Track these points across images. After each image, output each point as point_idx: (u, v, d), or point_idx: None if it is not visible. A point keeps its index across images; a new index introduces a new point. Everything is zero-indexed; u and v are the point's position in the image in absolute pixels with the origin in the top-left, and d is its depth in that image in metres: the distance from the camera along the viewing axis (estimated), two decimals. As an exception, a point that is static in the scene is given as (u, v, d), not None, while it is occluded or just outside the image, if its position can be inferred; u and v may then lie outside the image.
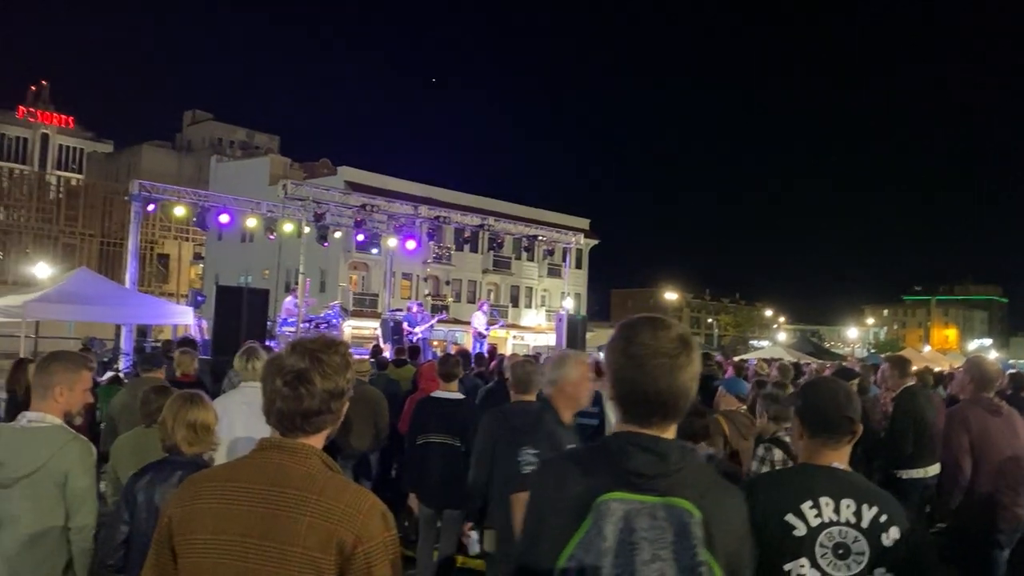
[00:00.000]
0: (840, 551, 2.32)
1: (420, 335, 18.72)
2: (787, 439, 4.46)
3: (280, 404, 1.99)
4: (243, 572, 1.87)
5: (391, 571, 1.93)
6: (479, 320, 20.79)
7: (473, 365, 11.04)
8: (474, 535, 5.44)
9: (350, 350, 2.15)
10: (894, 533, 2.33)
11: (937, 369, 17.24)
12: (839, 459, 2.51)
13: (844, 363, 19.98)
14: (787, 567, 2.32)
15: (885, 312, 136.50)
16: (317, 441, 2.03)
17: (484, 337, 20.43)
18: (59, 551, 3.45)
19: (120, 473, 4.31)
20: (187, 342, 10.72)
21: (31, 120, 67.56)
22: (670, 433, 1.86)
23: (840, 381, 2.74)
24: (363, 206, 22.02)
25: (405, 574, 6.60)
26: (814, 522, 2.34)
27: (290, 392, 1.98)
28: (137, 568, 3.25)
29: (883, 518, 2.34)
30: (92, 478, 3.55)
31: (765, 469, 4.26)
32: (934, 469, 6.76)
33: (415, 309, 20.64)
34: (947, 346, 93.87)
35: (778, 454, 4.38)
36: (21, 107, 68.17)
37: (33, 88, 70.89)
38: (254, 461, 1.99)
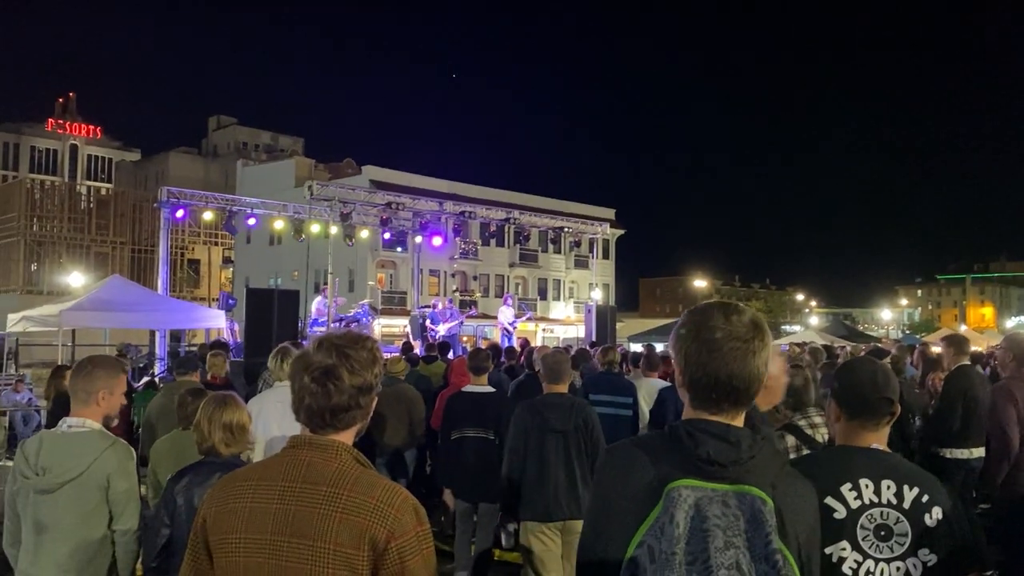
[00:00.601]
0: (882, 533, 2.28)
1: (444, 333, 18.73)
2: (801, 423, 4.39)
3: (309, 400, 1.98)
4: (276, 570, 1.87)
5: (424, 566, 1.92)
6: (505, 314, 20.78)
7: (503, 359, 11.04)
8: (509, 527, 5.44)
9: (377, 345, 2.14)
10: (937, 513, 2.29)
11: (975, 349, 16.91)
12: (878, 440, 2.47)
13: (879, 345, 19.71)
14: (828, 550, 2.28)
15: (919, 292, 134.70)
16: (347, 437, 2.02)
17: (511, 331, 20.42)
18: (103, 554, 3.50)
19: (160, 475, 4.36)
20: (218, 345, 10.85)
21: (60, 132, 68.74)
22: (740, 420, 1.83)
23: (877, 361, 2.68)
24: (389, 204, 22.08)
25: (442, 568, 6.61)
26: (854, 504, 2.31)
27: (318, 388, 1.97)
28: (179, 570, 3.30)
29: (925, 498, 2.30)
30: (134, 481, 3.59)
31: None
32: (979, 451, 6.66)
33: (439, 307, 20.66)
34: (984, 325, 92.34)
35: (790, 440, 4.31)
36: (50, 119, 69.36)
37: (60, 100, 72.17)
38: (285, 459, 1.99)
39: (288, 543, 1.87)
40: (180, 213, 19.78)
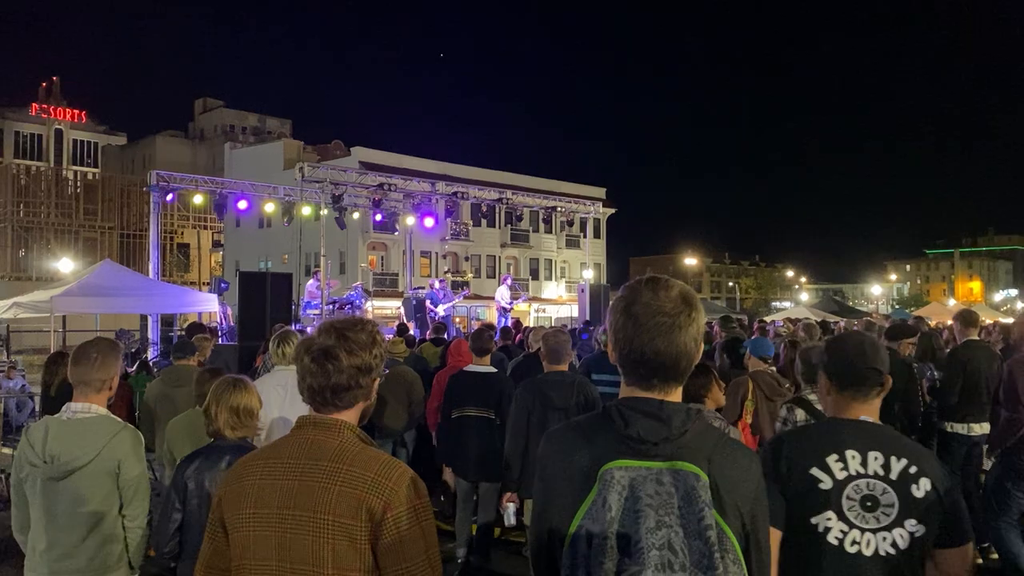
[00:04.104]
0: (868, 503, 2.32)
1: (443, 313, 18.78)
2: (812, 397, 4.45)
3: (310, 380, 2.09)
4: (282, 542, 1.99)
5: (422, 536, 2.00)
6: (503, 294, 20.82)
7: (498, 339, 11.08)
8: (511, 506, 5.51)
9: (378, 328, 2.23)
10: (925, 484, 2.32)
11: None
12: (868, 412, 2.50)
13: (869, 319, 19.86)
14: (814, 520, 2.34)
15: (908, 267, 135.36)
16: (350, 416, 2.13)
17: (507, 311, 20.46)
18: (114, 539, 3.48)
19: (177, 453, 4.37)
20: (198, 328, 10.67)
21: (44, 116, 67.89)
22: (675, 396, 1.82)
23: (865, 334, 2.73)
24: (380, 185, 21.97)
25: (444, 547, 6.67)
26: (840, 475, 2.34)
27: (317, 368, 2.07)
28: (192, 554, 3.30)
29: (913, 469, 2.33)
30: (144, 466, 3.57)
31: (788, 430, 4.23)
32: (980, 428, 6.68)
33: (438, 286, 20.65)
34: (972, 299, 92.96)
35: (800, 414, 4.36)
36: (34, 104, 68.51)
37: (44, 85, 71.22)
38: (293, 438, 2.11)
39: (292, 515, 1.98)
40: (169, 197, 19.66)
